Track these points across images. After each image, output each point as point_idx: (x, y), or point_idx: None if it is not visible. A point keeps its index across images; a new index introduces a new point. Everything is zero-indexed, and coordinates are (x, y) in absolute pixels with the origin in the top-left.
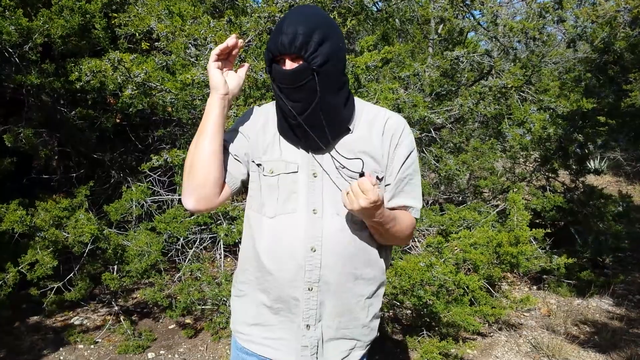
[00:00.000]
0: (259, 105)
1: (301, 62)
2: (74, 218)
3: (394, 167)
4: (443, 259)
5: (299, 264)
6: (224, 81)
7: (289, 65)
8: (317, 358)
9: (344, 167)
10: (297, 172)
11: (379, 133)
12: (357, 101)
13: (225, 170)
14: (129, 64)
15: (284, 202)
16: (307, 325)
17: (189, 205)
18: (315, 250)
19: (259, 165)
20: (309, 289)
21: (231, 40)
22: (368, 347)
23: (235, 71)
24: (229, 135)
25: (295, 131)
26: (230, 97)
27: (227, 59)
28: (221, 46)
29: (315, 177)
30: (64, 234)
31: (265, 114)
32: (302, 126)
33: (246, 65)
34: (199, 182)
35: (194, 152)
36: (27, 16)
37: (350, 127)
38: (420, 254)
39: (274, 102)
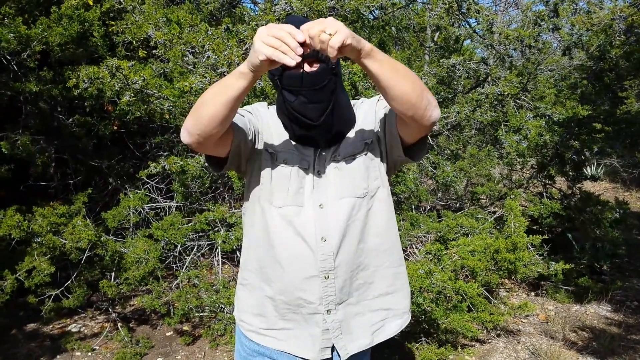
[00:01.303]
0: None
1: (319, 65)
2: (72, 225)
3: (377, 112)
4: (441, 266)
5: (312, 256)
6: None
7: (308, 68)
8: (342, 339)
9: (345, 160)
10: (308, 168)
11: (365, 117)
12: None
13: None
14: (126, 71)
15: (294, 194)
16: (328, 310)
17: (185, 140)
18: (325, 240)
19: (271, 154)
20: (325, 277)
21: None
22: (407, 317)
23: None
24: (242, 111)
25: (311, 133)
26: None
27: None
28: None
29: (319, 175)
30: (62, 240)
31: (274, 112)
32: (322, 126)
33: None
34: (203, 132)
35: (208, 103)
36: (25, 24)
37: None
38: (419, 261)
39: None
